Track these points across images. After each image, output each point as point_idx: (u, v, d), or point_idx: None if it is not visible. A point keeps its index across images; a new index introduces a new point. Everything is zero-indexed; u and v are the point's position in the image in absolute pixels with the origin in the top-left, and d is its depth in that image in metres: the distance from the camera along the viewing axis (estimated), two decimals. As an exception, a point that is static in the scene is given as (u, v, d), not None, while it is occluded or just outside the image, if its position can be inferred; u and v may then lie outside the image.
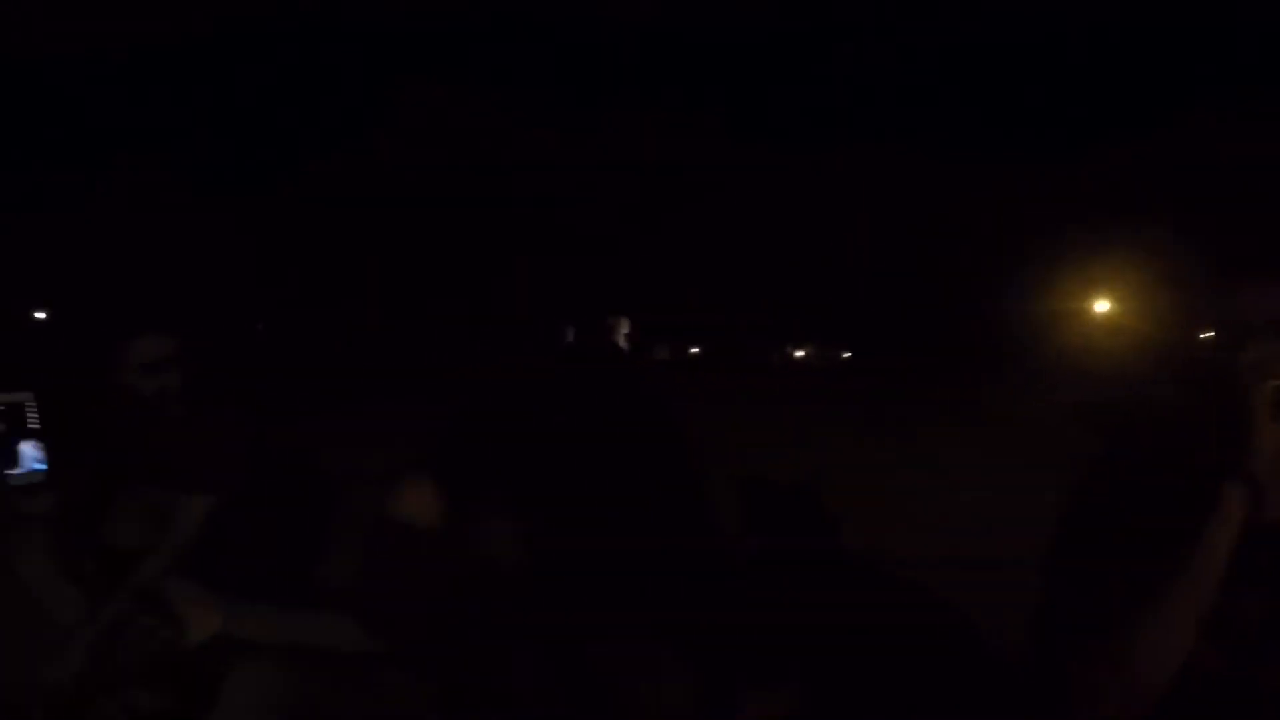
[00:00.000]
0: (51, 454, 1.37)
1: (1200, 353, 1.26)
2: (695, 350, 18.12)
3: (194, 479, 2.05)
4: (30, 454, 1.39)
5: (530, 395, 1.63)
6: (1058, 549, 1.26)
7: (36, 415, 1.38)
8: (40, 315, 16.14)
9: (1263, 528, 1.11)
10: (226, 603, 1.69)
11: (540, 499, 1.43)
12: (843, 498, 2.11)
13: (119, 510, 2.23)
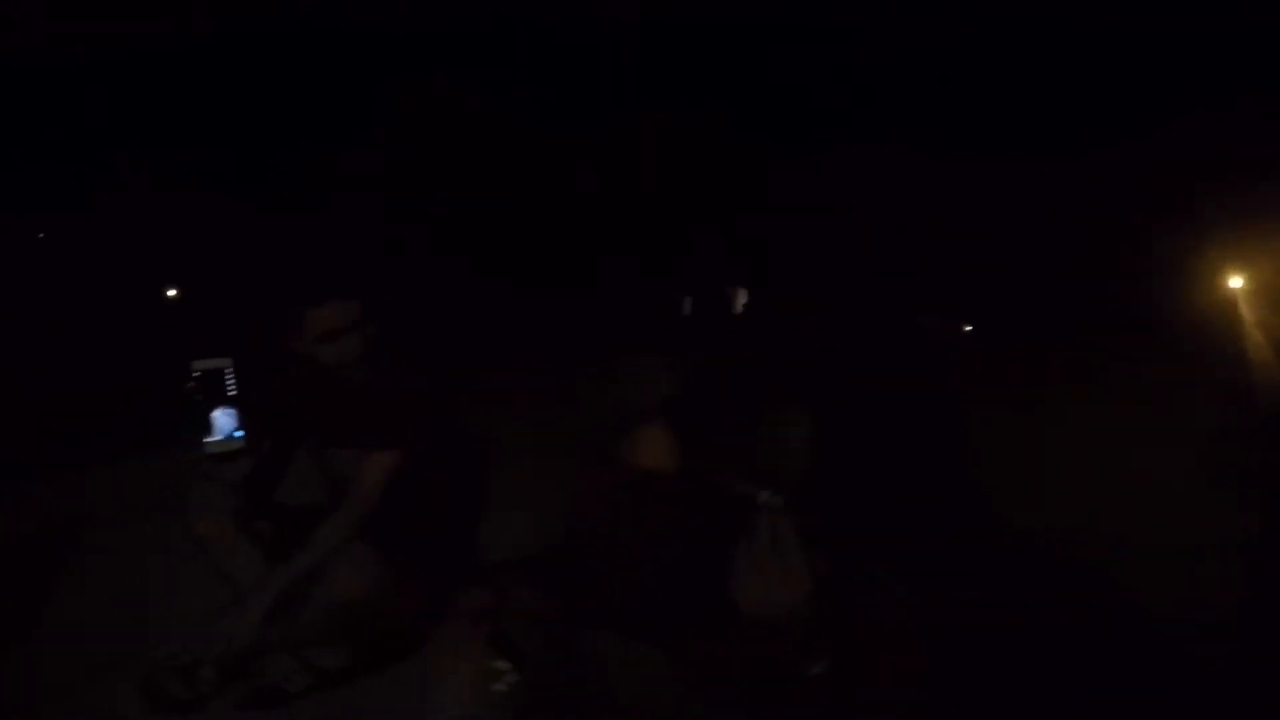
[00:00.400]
0: (247, 422, 1.40)
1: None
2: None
3: (376, 440, 2.13)
4: (226, 422, 1.40)
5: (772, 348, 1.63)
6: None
7: (234, 382, 1.40)
8: (171, 292, 16.94)
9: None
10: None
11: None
12: (999, 478, 2.06)
13: (295, 472, 2.36)
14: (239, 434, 1.40)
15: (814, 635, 1.23)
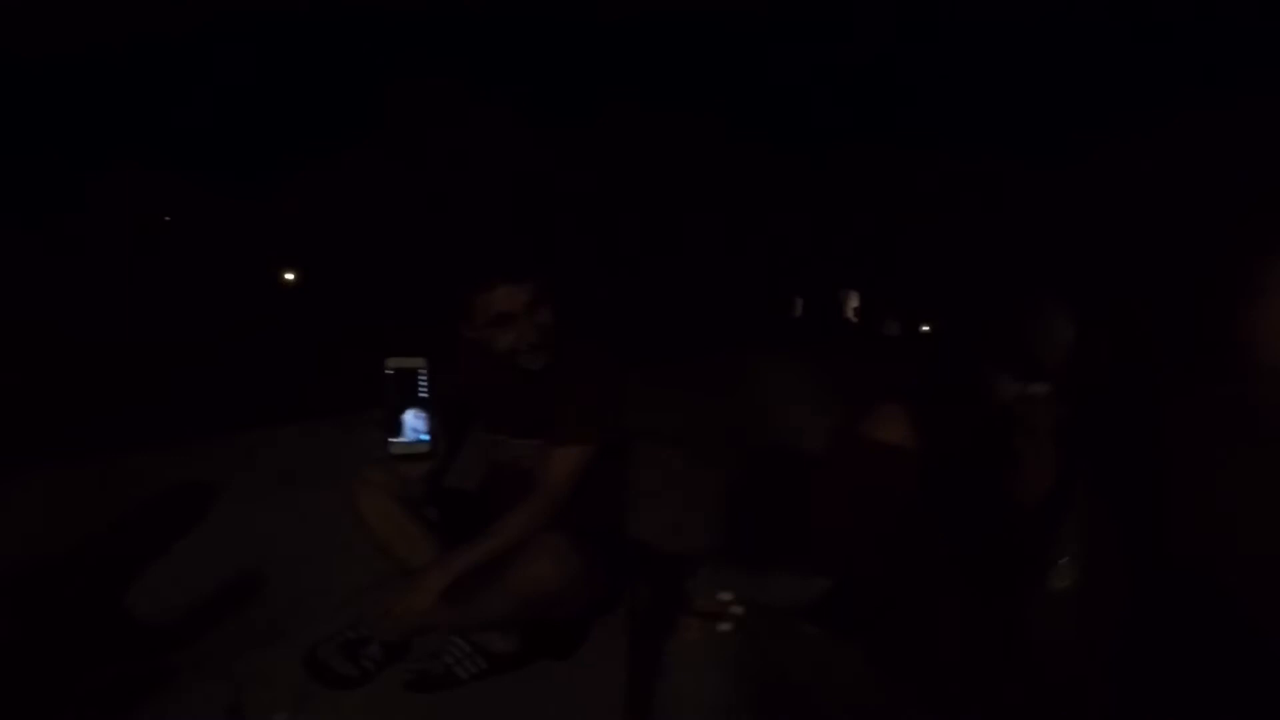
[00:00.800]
0: (435, 424, 1.35)
1: None
2: (927, 329, 17.15)
3: (567, 433, 2.05)
4: (415, 424, 1.34)
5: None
6: None
7: (426, 383, 1.33)
8: (289, 276, 17.59)
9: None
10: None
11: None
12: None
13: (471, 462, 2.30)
14: (425, 438, 1.34)
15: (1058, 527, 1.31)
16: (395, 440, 1.34)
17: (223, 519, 2.86)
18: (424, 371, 1.34)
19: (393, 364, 1.34)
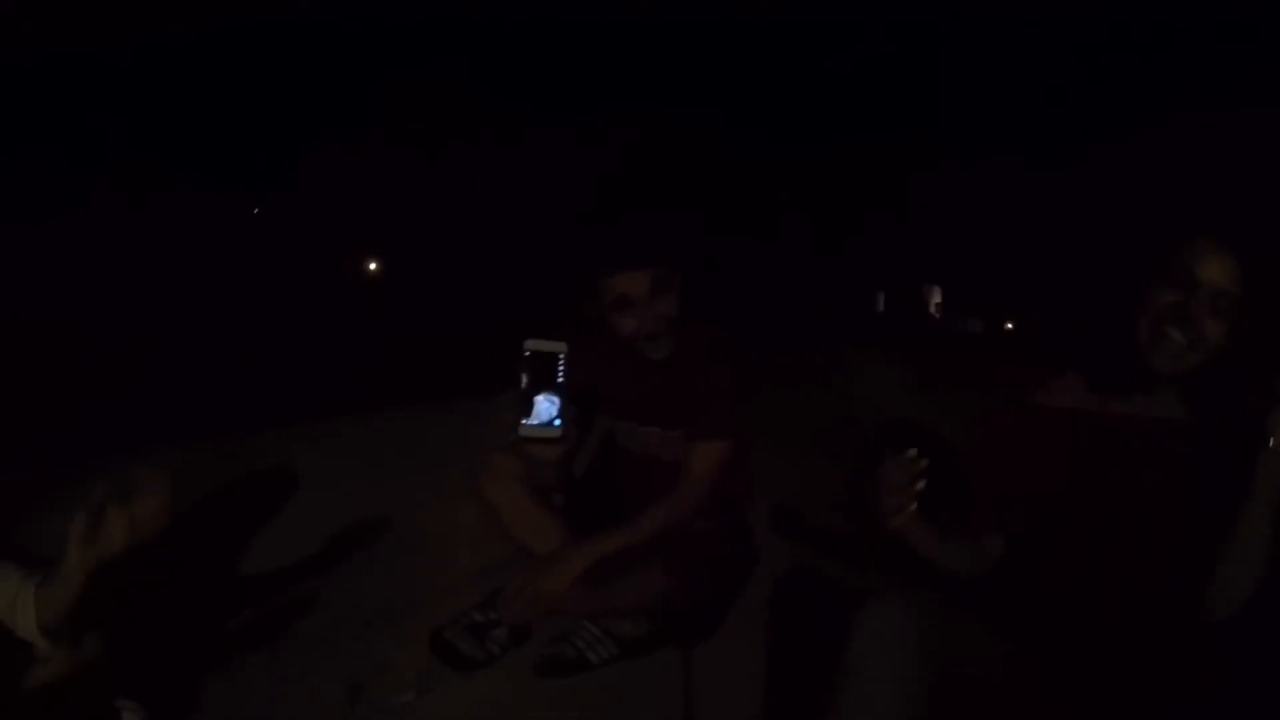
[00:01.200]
0: (568, 409, 1.30)
1: None
2: (1010, 326, 16.63)
3: (709, 428, 2.02)
4: (547, 408, 1.29)
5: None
6: None
7: (564, 369, 1.29)
8: (373, 265, 17.90)
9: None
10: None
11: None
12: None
13: (599, 452, 2.26)
14: (558, 422, 1.29)
15: None
16: (526, 423, 1.29)
17: (335, 498, 2.82)
18: (563, 356, 1.30)
19: (531, 346, 1.30)
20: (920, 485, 1.33)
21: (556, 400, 1.29)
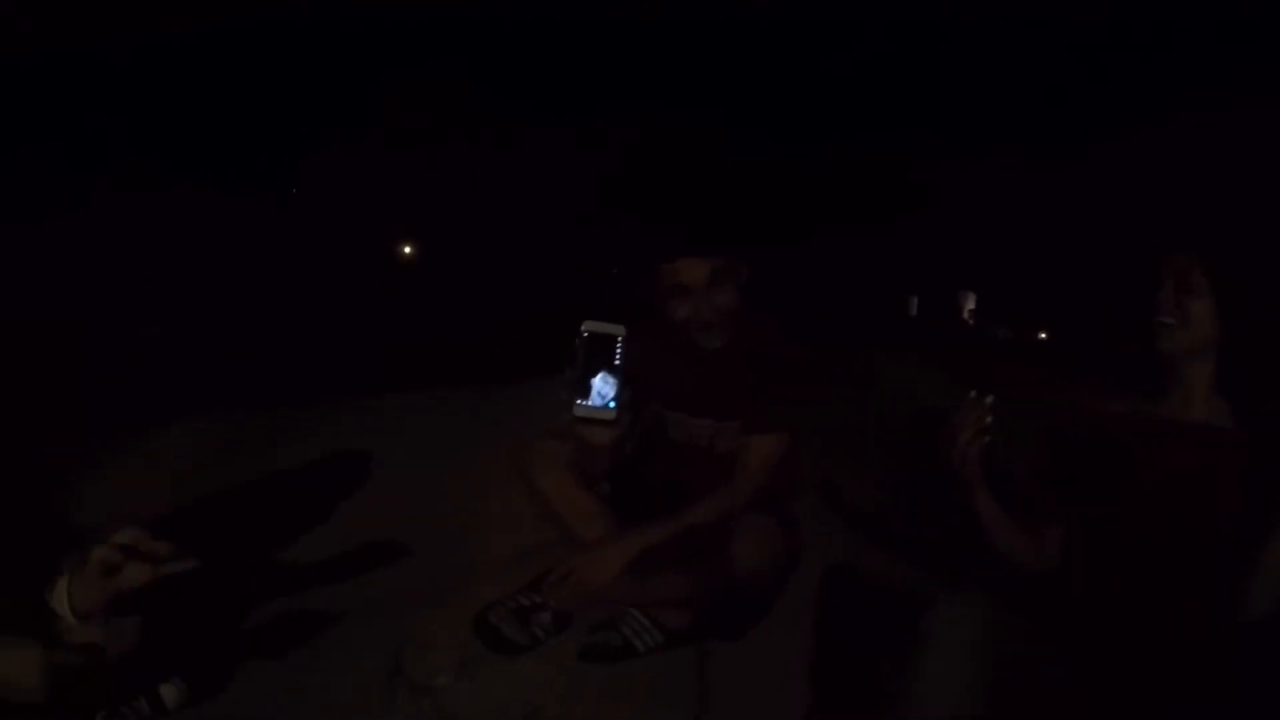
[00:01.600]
0: (624, 393, 1.27)
1: None
2: (1043, 335, 16.43)
3: (762, 420, 2.00)
4: (604, 389, 1.26)
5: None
6: None
7: (622, 352, 1.27)
8: (407, 249, 17.84)
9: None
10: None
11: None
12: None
13: (646, 440, 2.22)
14: (613, 404, 1.26)
15: None
16: (582, 404, 1.26)
17: (379, 479, 2.79)
18: (621, 338, 1.27)
19: (589, 327, 1.27)
20: (989, 421, 1.43)
21: (613, 382, 1.27)
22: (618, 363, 1.26)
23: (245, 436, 3.00)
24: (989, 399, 1.44)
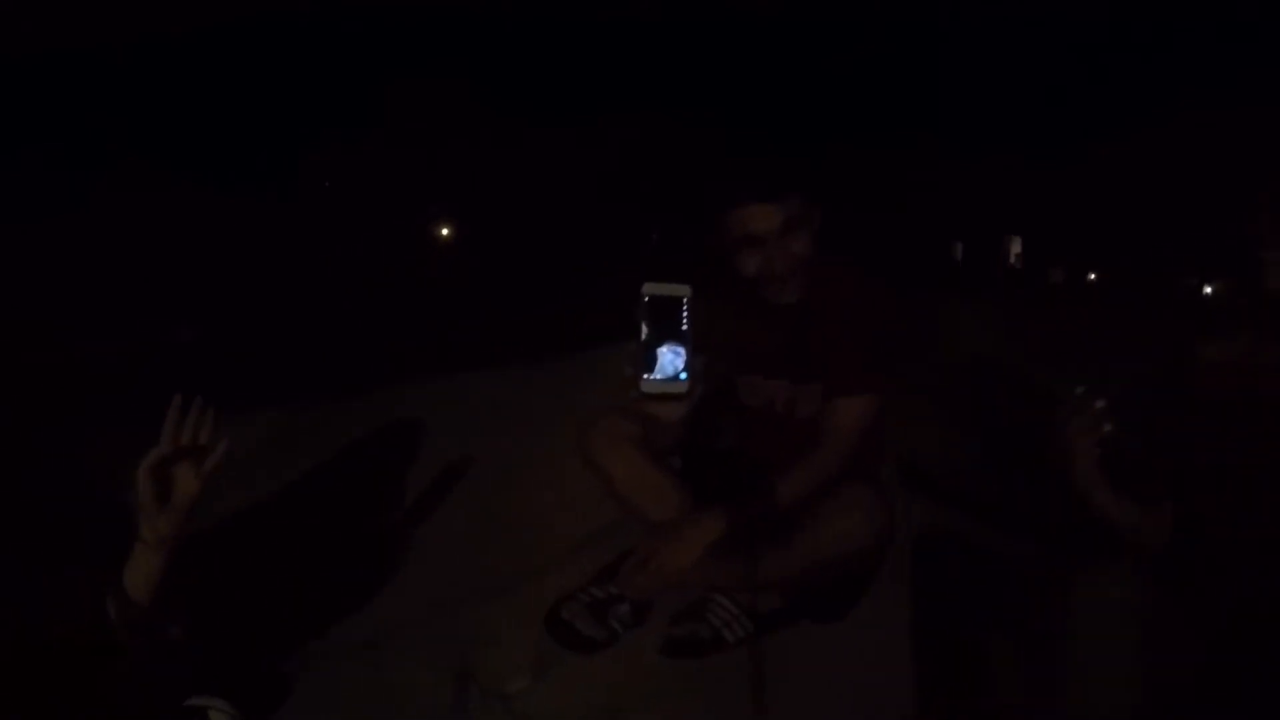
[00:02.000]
0: (695, 361, 1.12)
1: None
2: (1093, 276, 15.90)
3: (849, 381, 1.86)
4: (672, 360, 1.12)
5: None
6: None
7: (689, 315, 1.12)
8: (444, 231, 17.72)
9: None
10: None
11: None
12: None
13: (717, 410, 2.09)
14: (684, 376, 1.12)
15: None
16: (649, 378, 1.12)
17: (428, 466, 2.65)
18: (686, 300, 1.13)
19: (650, 290, 1.12)
20: (1106, 427, 1.27)
21: (682, 351, 1.13)
22: (685, 328, 1.12)
23: (278, 437, 2.90)
24: (1100, 402, 1.28)
